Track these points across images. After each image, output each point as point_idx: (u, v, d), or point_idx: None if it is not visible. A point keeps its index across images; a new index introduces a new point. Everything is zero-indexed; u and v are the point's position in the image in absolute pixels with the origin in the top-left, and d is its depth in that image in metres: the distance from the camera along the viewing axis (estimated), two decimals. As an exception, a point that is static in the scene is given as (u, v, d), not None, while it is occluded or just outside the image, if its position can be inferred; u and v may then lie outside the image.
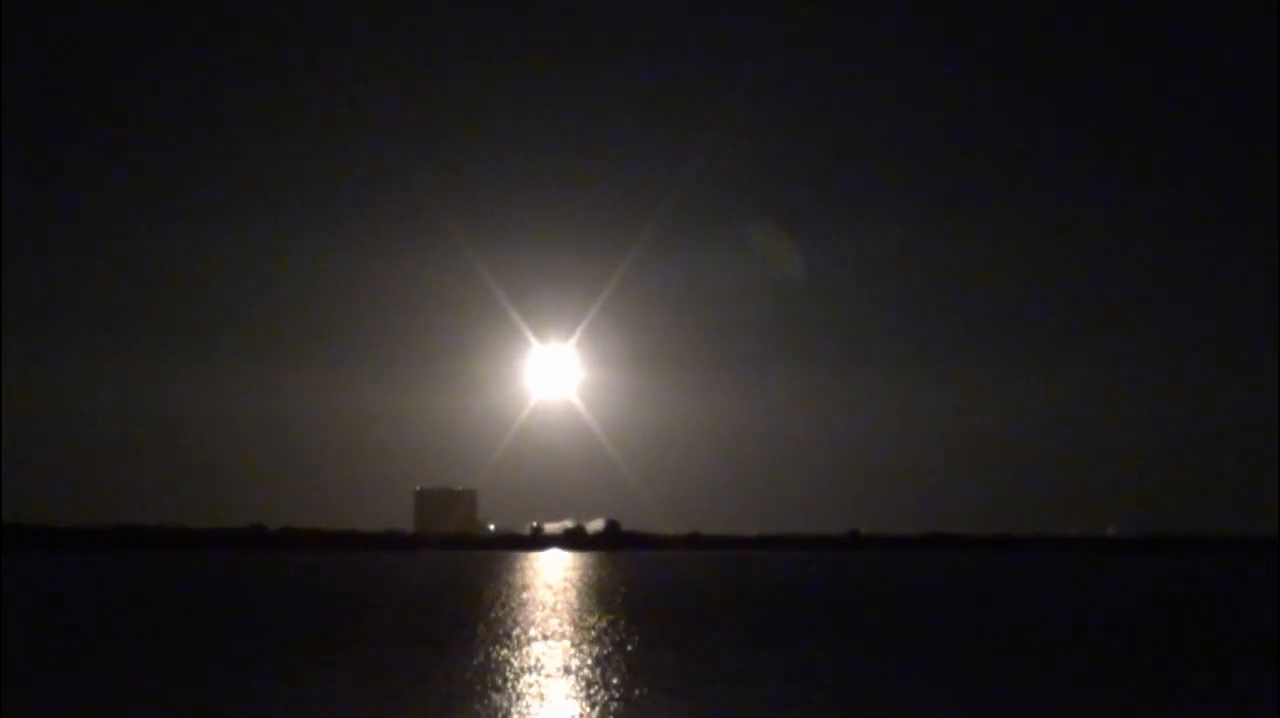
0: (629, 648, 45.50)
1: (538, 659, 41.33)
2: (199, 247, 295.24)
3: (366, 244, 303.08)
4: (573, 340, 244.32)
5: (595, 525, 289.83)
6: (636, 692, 33.15)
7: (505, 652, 43.79)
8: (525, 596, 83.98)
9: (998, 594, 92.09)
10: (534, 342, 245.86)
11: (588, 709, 30.06)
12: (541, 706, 30.69)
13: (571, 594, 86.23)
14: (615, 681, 35.52)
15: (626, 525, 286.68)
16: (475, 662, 40.40)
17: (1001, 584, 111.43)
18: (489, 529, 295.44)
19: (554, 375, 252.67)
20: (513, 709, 30.02)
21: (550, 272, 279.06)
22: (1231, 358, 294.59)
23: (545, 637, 50.30)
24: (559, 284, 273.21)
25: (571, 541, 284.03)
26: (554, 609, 68.84)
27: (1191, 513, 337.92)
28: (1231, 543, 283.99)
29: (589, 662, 40.53)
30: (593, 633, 52.28)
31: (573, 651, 44.43)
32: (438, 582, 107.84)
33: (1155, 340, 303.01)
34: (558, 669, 38.53)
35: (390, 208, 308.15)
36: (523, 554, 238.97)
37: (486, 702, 31.23)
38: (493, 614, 64.15)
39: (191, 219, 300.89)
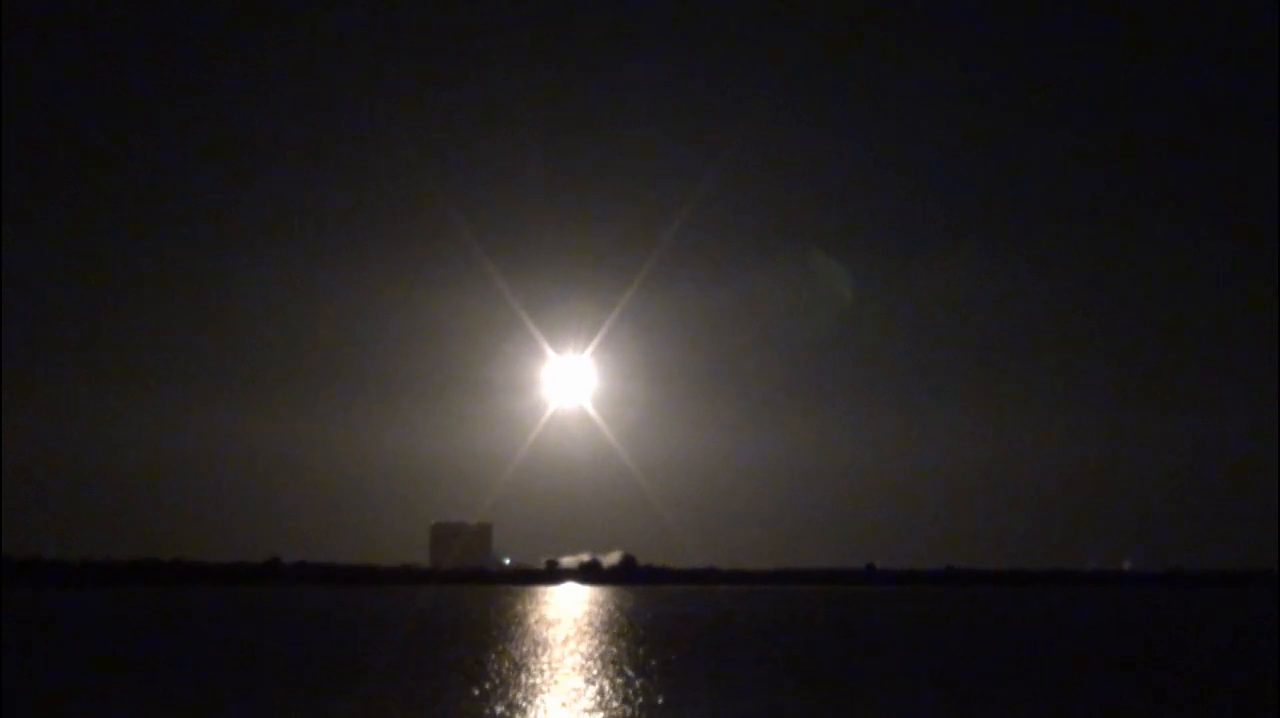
0: (649, 683, 45.62)
1: (555, 693, 41.49)
2: (214, 281, 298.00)
3: (383, 264, 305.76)
4: (589, 350, 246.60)
5: (611, 559, 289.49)
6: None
7: (521, 685, 43.97)
8: (541, 629, 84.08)
9: (1013, 629, 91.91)
10: (550, 352, 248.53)
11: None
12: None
13: (588, 628, 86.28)
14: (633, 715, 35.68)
15: (643, 559, 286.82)
16: (491, 695, 40.59)
17: (1017, 619, 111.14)
18: (504, 563, 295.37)
19: (570, 385, 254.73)
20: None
21: (567, 282, 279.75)
22: (1247, 394, 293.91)
23: (563, 670, 50.45)
24: (576, 295, 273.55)
25: (587, 574, 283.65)
26: (571, 642, 68.97)
27: (1207, 548, 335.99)
28: (1247, 577, 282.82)
29: (605, 696, 40.67)
30: (611, 667, 52.40)
31: (590, 685, 44.57)
32: (453, 616, 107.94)
33: (1171, 375, 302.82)
34: (575, 702, 38.68)
35: (409, 227, 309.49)
36: (539, 589, 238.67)
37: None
38: (508, 648, 64.32)
39: (204, 253, 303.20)
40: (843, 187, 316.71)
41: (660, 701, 39.08)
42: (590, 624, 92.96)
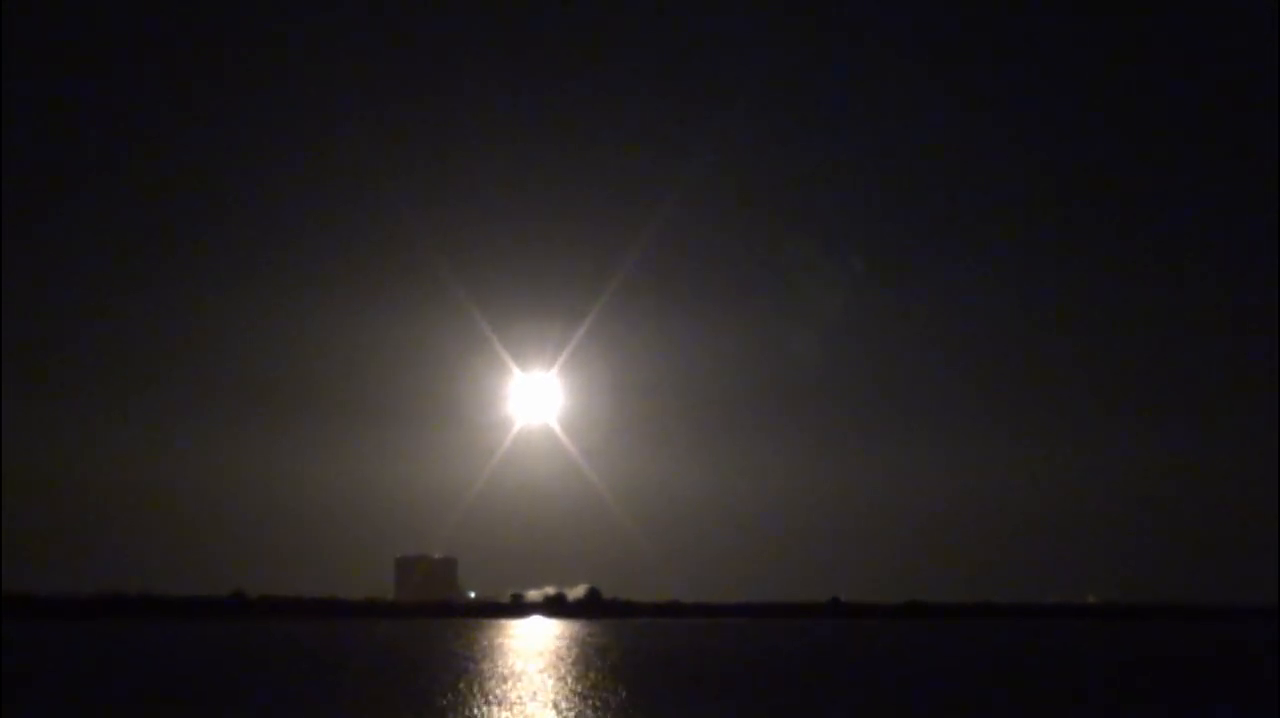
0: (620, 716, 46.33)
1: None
2: (174, 313, 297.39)
3: (347, 287, 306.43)
4: (555, 368, 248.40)
5: (576, 593, 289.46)
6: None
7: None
8: (511, 662, 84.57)
9: (978, 662, 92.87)
10: (516, 370, 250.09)
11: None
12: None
13: (559, 662, 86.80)
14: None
15: (608, 592, 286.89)
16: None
17: (981, 652, 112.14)
18: (469, 596, 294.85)
19: (536, 403, 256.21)
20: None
21: (532, 300, 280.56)
22: (1209, 427, 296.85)
23: (535, 703, 51.09)
24: (541, 313, 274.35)
25: (552, 607, 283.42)
26: (542, 676, 69.56)
27: (1171, 581, 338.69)
28: (1211, 611, 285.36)
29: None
30: (579, 701, 53.08)
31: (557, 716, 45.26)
32: (420, 650, 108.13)
33: (1134, 410, 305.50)
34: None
35: (377, 253, 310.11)
36: (504, 622, 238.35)
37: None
38: (475, 681, 64.87)
39: (165, 285, 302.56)
40: (816, 207, 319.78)
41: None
42: (560, 658, 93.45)
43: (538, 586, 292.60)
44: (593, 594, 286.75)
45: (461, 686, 61.92)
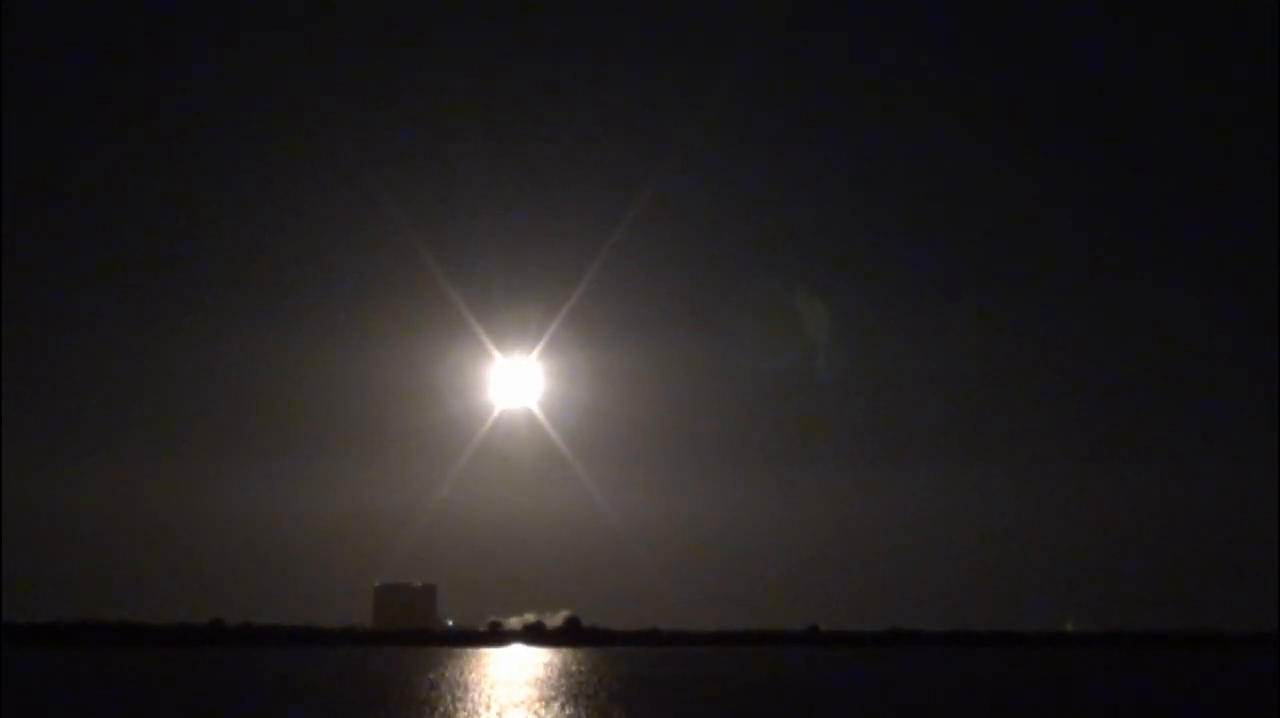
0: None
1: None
2: (147, 339, 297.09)
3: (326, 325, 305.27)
4: (535, 353, 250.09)
5: (555, 620, 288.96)
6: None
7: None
8: (494, 692, 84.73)
9: (957, 690, 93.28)
10: (497, 354, 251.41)
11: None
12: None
13: (551, 692, 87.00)
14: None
15: (586, 620, 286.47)
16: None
17: (961, 680, 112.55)
18: (448, 625, 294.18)
19: (517, 387, 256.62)
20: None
21: (513, 285, 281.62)
22: (1187, 457, 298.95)
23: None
24: (522, 298, 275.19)
25: (531, 636, 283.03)
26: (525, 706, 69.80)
27: (1150, 608, 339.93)
28: (1189, 638, 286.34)
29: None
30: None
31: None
32: (400, 679, 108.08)
33: (1112, 439, 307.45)
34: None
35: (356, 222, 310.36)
36: (484, 650, 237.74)
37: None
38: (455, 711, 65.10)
39: (137, 311, 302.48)
40: (800, 201, 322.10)
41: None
42: (549, 687, 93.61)
43: (517, 612, 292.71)
44: (572, 623, 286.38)
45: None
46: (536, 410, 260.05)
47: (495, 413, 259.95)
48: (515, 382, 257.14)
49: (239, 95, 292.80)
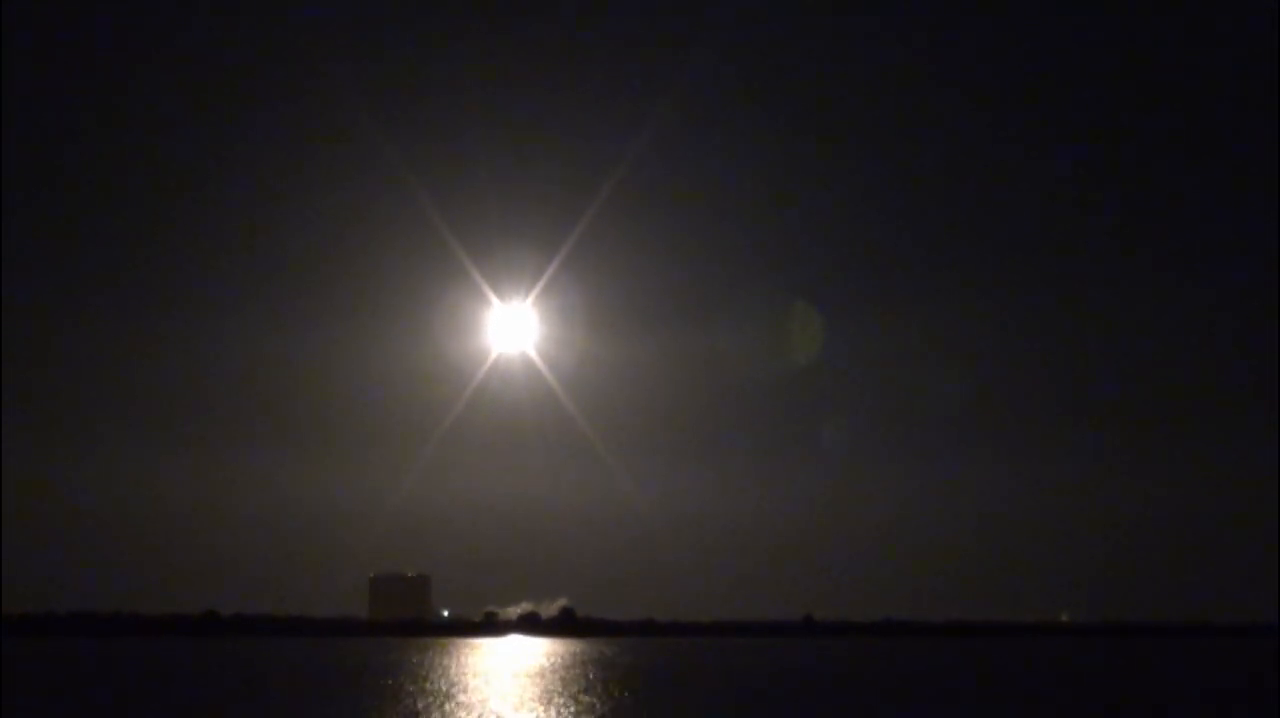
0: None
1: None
2: (142, 331, 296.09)
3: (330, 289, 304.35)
4: (531, 298, 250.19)
5: (551, 610, 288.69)
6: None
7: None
8: (491, 684, 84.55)
9: (952, 681, 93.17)
10: (494, 299, 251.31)
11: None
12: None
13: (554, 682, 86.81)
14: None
15: (581, 609, 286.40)
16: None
17: (955, 671, 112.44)
18: (443, 615, 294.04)
19: (513, 331, 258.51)
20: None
21: (510, 230, 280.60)
22: (1182, 448, 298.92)
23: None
24: (519, 242, 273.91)
25: (526, 626, 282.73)
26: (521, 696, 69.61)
27: (1146, 599, 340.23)
28: (1186, 629, 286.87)
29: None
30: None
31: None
32: (393, 668, 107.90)
33: (1107, 428, 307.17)
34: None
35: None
36: (478, 641, 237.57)
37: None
38: (450, 703, 64.90)
39: (134, 306, 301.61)
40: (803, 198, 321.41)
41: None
42: (554, 678, 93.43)
43: (513, 601, 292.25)
44: (566, 613, 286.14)
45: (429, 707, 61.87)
46: (533, 354, 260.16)
47: (492, 357, 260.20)
48: (512, 327, 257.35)
49: (230, 55, 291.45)
